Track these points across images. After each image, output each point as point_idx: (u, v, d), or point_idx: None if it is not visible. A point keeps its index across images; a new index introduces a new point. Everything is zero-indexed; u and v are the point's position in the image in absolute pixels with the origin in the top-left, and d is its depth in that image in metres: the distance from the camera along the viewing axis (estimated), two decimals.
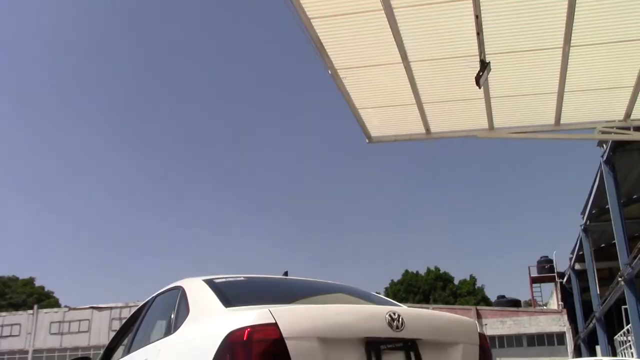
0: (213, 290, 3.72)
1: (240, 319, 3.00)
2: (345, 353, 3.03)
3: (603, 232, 27.00)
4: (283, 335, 2.89)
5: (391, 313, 3.21)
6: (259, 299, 3.50)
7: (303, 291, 4.26)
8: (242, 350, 2.87)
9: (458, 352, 3.37)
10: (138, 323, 4.88)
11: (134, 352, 4.43)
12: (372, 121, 10.32)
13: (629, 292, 20.52)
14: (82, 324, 52.97)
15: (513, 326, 44.13)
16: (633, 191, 23.95)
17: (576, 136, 11.03)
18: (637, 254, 19.05)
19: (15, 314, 56.72)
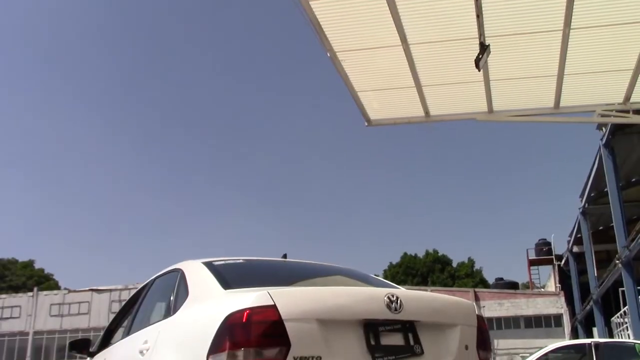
0: (212, 273, 3.74)
1: (239, 301, 3.02)
2: (344, 335, 3.06)
3: (601, 215, 27.07)
4: (282, 317, 2.91)
5: (389, 295, 3.23)
6: (257, 281, 3.52)
7: (302, 273, 4.28)
8: (241, 331, 2.89)
9: (456, 333, 3.40)
10: (138, 305, 4.91)
11: (133, 334, 4.46)
12: (371, 104, 10.28)
13: (626, 274, 20.62)
14: (82, 306, 53.23)
15: (511, 308, 44.40)
16: (632, 174, 23.97)
17: (575, 119, 11.01)
18: (635, 237, 19.11)
19: (16, 296, 56.95)
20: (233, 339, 2.89)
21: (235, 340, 2.89)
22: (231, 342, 2.89)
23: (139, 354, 3.90)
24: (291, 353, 2.87)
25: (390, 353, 3.11)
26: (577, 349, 11.89)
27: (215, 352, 2.93)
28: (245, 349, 2.85)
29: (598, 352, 10.94)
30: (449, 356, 3.31)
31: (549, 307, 43.93)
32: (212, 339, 2.98)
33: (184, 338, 3.41)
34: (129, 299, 5.34)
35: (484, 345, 3.54)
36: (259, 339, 2.87)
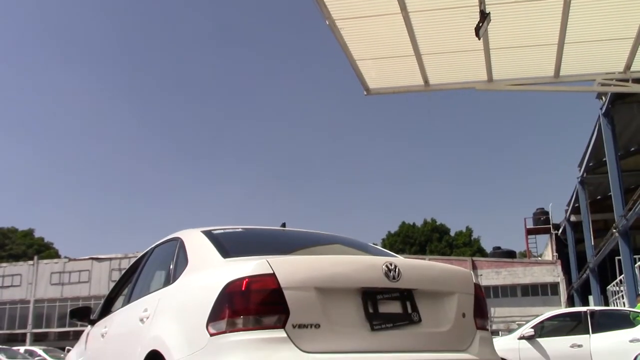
0: (211, 241, 3.75)
1: (238, 270, 3.04)
2: (342, 303, 3.08)
3: (599, 184, 27.15)
4: (281, 285, 2.93)
5: (388, 264, 3.25)
6: (256, 249, 3.53)
7: (301, 242, 4.29)
8: (240, 299, 2.91)
9: (453, 301, 3.43)
10: (137, 274, 4.94)
11: (133, 302, 4.49)
12: (370, 73, 10.22)
13: (622, 243, 20.75)
14: (82, 275, 53.60)
15: (508, 277, 44.78)
16: (631, 144, 23.95)
17: (575, 88, 10.97)
18: (633, 206, 19.19)
19: (16, 264, 57.30)
20: (232, 307, 2.91)
21: (235, 308, 2.91)
22: (230, 310, 2.91)
23: (139, 321, 3.93)
24: (290, 320, 2.89)
25: (388, 321, 3.14)
26: (572, 317, 12.01)
27: (214, 319, 2.96)
28: (245, 317, 2.88)
29: (593, 320, 11.06)
30: (447, 324, 3.34)
31: (545, 275, 44.30)
32: (212, 306, 3.00)
33: (183, 306, 3.43)
34: (129, 268, 5.37)
35: (481, 313, 3.57)
36: (258, 306, 2.89)
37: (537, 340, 11.06)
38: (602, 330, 10.83)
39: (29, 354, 24.26)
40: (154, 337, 3.54)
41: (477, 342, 3.43)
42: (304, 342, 2.87)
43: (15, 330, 53.36)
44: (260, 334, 2.84)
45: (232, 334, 2.87)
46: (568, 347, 10.77)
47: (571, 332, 11.21)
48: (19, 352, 23.96)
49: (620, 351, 10.36)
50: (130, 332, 4.13)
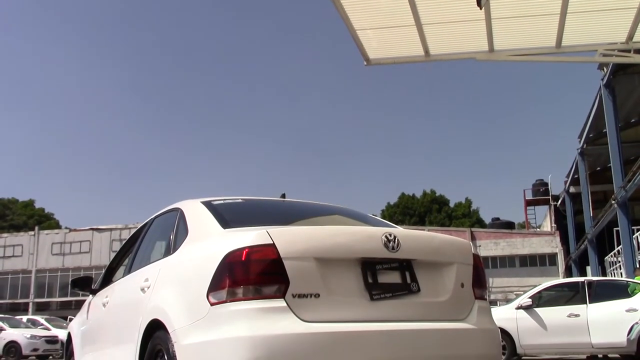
0: (211, 212, 3.76)
1: (238, 240, 3.05)
2: (342, 273, 3.10)
3: (599, 155, 27.12)
4: (280, 255, 2.95)
5: (387, 234, 3.26)
6: (256, 220, 3.54)
7: (300, 213, 4.30)
8: (240, 269, 2.93)
9: (452, 271, 3.45)
10: (138, 244, 4.96)
11: (134, 272, 4.52)
12: (370, 43, 10.13)
13: (621, 214, 20.82)
14: (83, 245, 53.86)
15: (506, 247, 45.03)
16: (631, 115, 23.88)
17: (577, 59, 10.89)
18: (632, 177, 19.20)
19: (17, 235, 57.52)
20: (232, 277, 2.94)
21: (235, 278, 2.93)
22: (231, 280, 2.93)
23: (140, 291, 3.97)
24: (290, 290, 2.92)
25: (387, 291, 3.16)
26: (570, 287, 12.11)
27: (215, 289, 2.98)
28: (245, 287, 2.90)
29: (591, 290, 11.15)
30: (445, 294, 3.37)
31: (544, 246, 44.54)
32: (212, 276, 3.02)
33: (184, 276, 3.46)
34: (129, 238, 5.39)
35: (479, 283, 3.60)
36: (258, 276, 2.91)
37: (535, 310, 11.17)
38: (599, 300, 10.93)
39: (31, 323, 24.46)
40: (155, 307, 3.57)
41: (475, 311, 3.46)
42: (303, 311, 2.90)
43: (17, 299, 53.83)
44: (260, 304, 2.87)
45: (232, 303, 2.89)
46: (565, 316, 10.88)
47: (568, 302, 11.32)
48: (21, 321, 24.17)
49: (616, 321, 10.47)
50: (131, 301, 4.16)
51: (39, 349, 21.04)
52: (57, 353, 21.17)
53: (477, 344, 3.36)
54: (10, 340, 20.94)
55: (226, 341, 2.83)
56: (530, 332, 10.99)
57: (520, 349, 11.09)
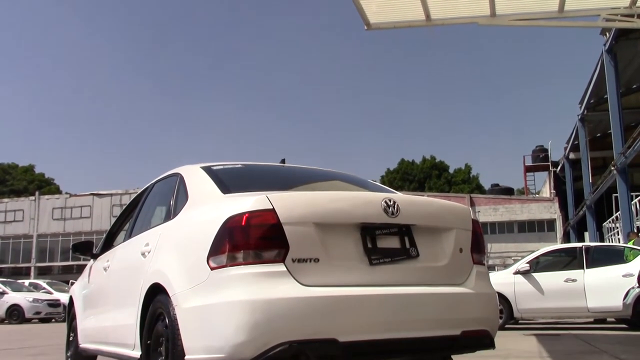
0: (211, 177, 3.77)
1: (238, 205, 3.06)
2: (341, 238, 3.11)
3: (599, 121, 27.01)
4: (280, 220, 2.96)
5: (386, 199, 3.27)
6: (256, 185, 3.54)
7: (300, 178, 4.31)
8: (240, 234, 2.95)
9: (451, 237, 3.47)
10: (138, 209, 4.98)
11: (135, 237, 4.55)
12: (370, 7, 9.99)
13: (620, 180, 20.83)
14: (84, 210, 54.05)
15: (505, 213, 45.20)
16: (632, 81, 23.72)
17: (579, 24, 10.75)
18: (632, 144, 19.16)
19: (18, 200, 57.68)
20: (233, 242, 2.95)
21: (235, 243, 2.95)
22: (231, 245, 2.95)
23: (140, 255, 4.00)
24: (289, 255, 2.94)
25: (387, 255, 3.19)
26: (567, 252, 12.19)
27: (215, 254, 3.00)
28: (245, 251, 2.92)
29: (588, 255, 11.24)
30: (444, 258, 3.39)
31: (542, 212, 44.71)
32: (212, 241, 3.04)
33: (184, 241, 3.48)
34: (130, 203, 5.41)
35: (478, 248, 3.62)
36: (258, 241, 2.93)
37: (532, 274, 11.27)
38: (597, 266, 11.02)
39: (33, 286, 24.68)
40: (156, 271, 3.60)
41: (473, 276, 3.49)
42: (303, 275, 2.92)
43: (19, 264, 54.25)
44: (260, 268, 2.89)
45: (232, 267, 2.91)
46: (562, 281, 10.98)
47: (566, 267, 11.41)
48: (23, 285, 24.40)
49: (613, 285, 10.58)
50: (132, 266, 4.20)
51: (41, 312, 21.29)
52: (60, 316, 21.42)
53: (474, 308, 3.40)
54: (13, 303, 21.17)
55: (226, 305, 2.86)
56: (527, 297, 11.11)
57: (517, 313, 11.23)
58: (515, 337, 8.93)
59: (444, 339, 3.23)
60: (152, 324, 3.55)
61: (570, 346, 7.32)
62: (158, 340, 3.47)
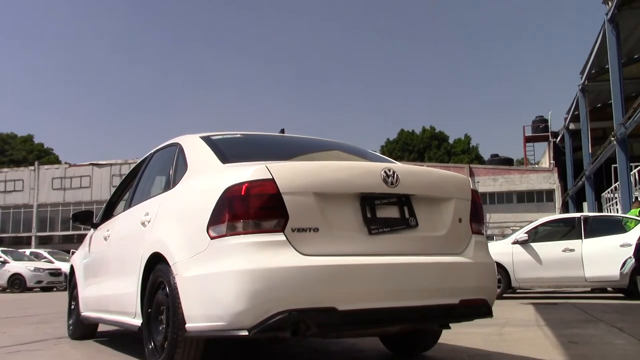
0: (210, 147, 3.76)
1: (237, 175, 3.06)
2: (341, 207, 3.12)
3: (600, 91, 26.90)
4: (280, 190, 2.96)
5: (386, 169, 3.26)
6: (255, 155, 3.54)
7: (300, 148, 4.30)
8: (240, 204, 2.95)
9: (450, 206, 3.48)
10: (138, 179, 4.98)
11: (134, 207, 4.56)
12: None
13: (620, 151, 20.81)
14: (83, 180, 54.09)
15: (504, 184, 45.25)
16: (634, 51, 23.55)
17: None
18: (632, 114, 19.10)
19: (17, 170, 57.67)
20: (232, 211, 2.96)
21: (235, 212, 2.95)
22: (230, 214, 2.95)
23: (140, 225, 4.01)
24: (289, 224, 2.94)
25: (386, 225, 3.20)
26: (566, 223, 12.24)
27: (215, 223, 3.01)
28: (244, 221, 2.92)
29: (586, 225, 11.28)
30: (443, 228, 3.40)
31: (541, 182, 44.76)
32: (212, 211, 3.05)
33: (184, 210, 3.48)
34: (129, 173, 5.41)
35: (477, 218, 3.63)
36: (258, 211, 2.93)
37: (531, 244, 11.33)
38: (595, 236, 11.07)
39: (34, 256, 24.83)
40: (156, 240, 3.62)
41: (472, 246, 3.50)
42: (302, 245, 2.93)
43: (20, 233, 54.46)
44: (259, 237, 2.90)
45: (232, 237, 2.92)
46: (560, 251, 11.04)
47: (564, 237, 11.46)
48: (24, 254, 24.53)
49: (610, 255, 10.64)
50: (132, 235, 4.22)
51: (42, 281, 21.45)
52: (61, 285, 21.59)
53: (473, 277, 3.42)
54: (15, 272, 21.31)
55: (226, 274, 2.88)
56: (525, 266, 11.18)
57: (515, 283, 11.31)
58: (513, 306, 9.01)
59: (442, 308, 3.26)
60: (153, 293, 3.58)
61: (567, 315, 7.39)
62: (159, 309, 3.50)
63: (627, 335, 5.16)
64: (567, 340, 4.77)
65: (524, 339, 5.03)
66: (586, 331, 5.51)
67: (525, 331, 5.69)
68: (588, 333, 5.35)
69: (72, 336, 5.79)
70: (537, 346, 4.53)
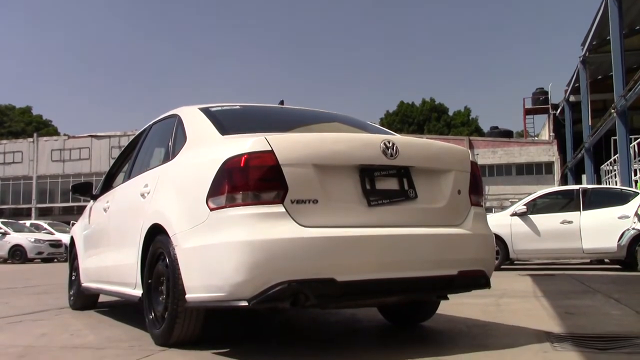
0: (209, 118, 3.74)
1: (236, 146, 3.05)
2: (340, 179, 3.12)
3: (601, 63, 26.72)
4: (279, 161, 2.95)
5: (386, 141, 3.26)
6: (255, 127, 3.53)
7: (299, 120, 4.28)
8: (239, 175, 2.95)
9: (449, 178, 3.48)
10: (137, 150, 4.98)
11: (134, 178, 4.57)
12: None
13: (620, 123, 20.75)
14: (83, 152, 54.02)
15: (504, 156, 45.23)
16: (636, 22, 23.33)
17: None
18: (633, 86, 19.01)
19: (16, 141, 57.57)
20: (232, 183, 2.96)
21: (234, 184, 2.95)
22: (230, 186, 2.96)
23: (140, 196, 4.02)
24: (288, 196, 2.95)
25: (385, 197, 3.20)
26: (564, 195, 12.26)
27: (214, 195, 3.02)
28: (244, 192, 2.93)
29: (585, 198, 11.31)
30: (442, 200, 3.41)
31: (541, 155, 44.73)
32: (211, 182, 3.05)
33: (183, 182, 3.49)
34: (128, 145, 5.40)
35: (476, 190, 3.63)
36: (257, 182, 2.93)
37: (529, 216, 11.38)
38: (593, 208, 11.11)
39: (34, 227, 24.90)
40: (156, 212, 3.63)
41: (471, 217, 3.52)
42: (302, 216, 2.94)
43: (20, 205, 54.57)
44: (259, 209, 2.90)
45: (231, 208, 2.93)
46: (558, 223, 11.09)
47: (563, 209, 11.51)
48: (25, 225, 24.61)
49: (608, 227, 10.69)
50: (132, 206, 4.23)
51: (43, 252, 21.55)
52: (62, 256, 21.71)
53: (471, 249, 3.43)
54: (16, 243, 21.40)
55: (226, 245, 2.89)
56: (523, 238, 11.24)
57: (513, 254, 11.38)
58: (511, 278, 9.08)
59: (441, 279, 3.28)
60: (153, 264, 3.60)
61: (564, 286, 7.45)
62: (159, 280, 3.53)
63: (624, 306, 5.20)
64: (564, 311, 4.82)
65: (521, 310, 5.08)
66: (583, 302, 5.55)
67: (522, 302, 5.74)
68: (585, 304, 5.40)
69: (74, 306, 5.84)
70: (534, 317, 4.58)
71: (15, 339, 3.93)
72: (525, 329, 3.94)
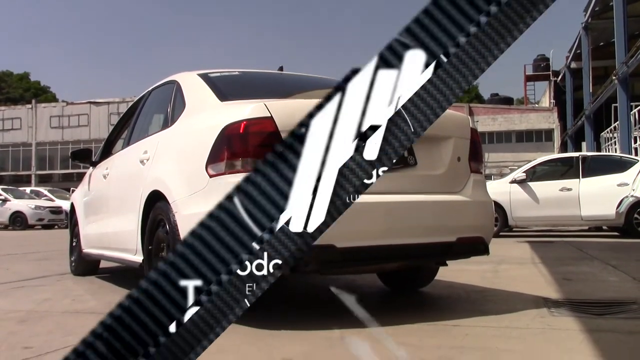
0: (208, 85, 3.72)
1: (236, 113, 3.04)
2: None
3: (604, 29, 26.46)
4: (279, 128, 2.94)
5: None
6: (254, 93, 3.51)
7: (299, 86, 4.25)
8: (238, 142, 2.94)
9: (449, 145, 3.47)
10: (135, 117, 4.96)
11: (133, 145, 4.56)
12: None
13: (621, 90, 20.64)
14: (81, 118, 53.81)
15: (504, 123, 45.09)
16: None
17: None
18: (635, 53, 18.86)
19: (15, 108, 57.29)
20: (231, 149, 2.95)
21: (233, 151, 2.94)
22: (229, 152, 2.95)
23: (139, 163, 4.02)
24: None
25: None
26: (564, 162, 12.26)
27: (213, 161, 3.01)
28: (243, 159, 2.92)
29: (584, 165, 11.31)
30: (442, 167, 3.41)
31: (541, 122, 44.60)
32: (211, 149, 3.04)
33: (182, 148, 3.48)
34: (127, 111, 5.38)
35: (476, 157, 3.63)
36: (257, 149, 2.92)
37: (528, 184, 11.39)
38: (592, 175, 11.12)
39: (35, 194, 24.94)
40: (155, 178, 3.63)
41: (470, 184, 3.52)
42: None
43: (19, 172, 54.56)
44: None
45: (231, 175, 2.92)
46: (557, 190, 11.12)
47: (562, 176, 11.52)
48: (25, 192, 24.65)
49: (607, 194, 10.72)
50: (131, 173, 4.23)
51: (44, 218, 21.64)
52: (62, 223, 21.79)
53: (470, 216, 3.45)
54: (16, 210, 21.47)
55: None
56: (522, 205, 11.27)
57: (512, 221, 11.43)
58: (509, 244, 9.13)
59: (440, 245, 3.30)
60: (153, 230, 3.61)
61: (562, 252, 7.50)
62: (159, 246, 3.54)
63: (621, 272, 5.24)
64: (562, 277, 4.86)
65: (519, 276, 5.12)
66: (580, 268, 5.60)
67: (520, 268, 5.78)
68: (582, 270, 5.44)
69: (75, 272, 5.88)
70: (531, 283, 4.61)
71: (17, 304, 3.97)
72: (523, 294, 3.98)
